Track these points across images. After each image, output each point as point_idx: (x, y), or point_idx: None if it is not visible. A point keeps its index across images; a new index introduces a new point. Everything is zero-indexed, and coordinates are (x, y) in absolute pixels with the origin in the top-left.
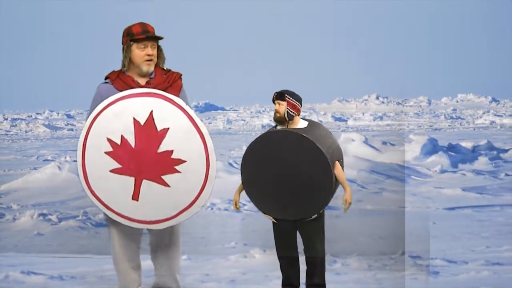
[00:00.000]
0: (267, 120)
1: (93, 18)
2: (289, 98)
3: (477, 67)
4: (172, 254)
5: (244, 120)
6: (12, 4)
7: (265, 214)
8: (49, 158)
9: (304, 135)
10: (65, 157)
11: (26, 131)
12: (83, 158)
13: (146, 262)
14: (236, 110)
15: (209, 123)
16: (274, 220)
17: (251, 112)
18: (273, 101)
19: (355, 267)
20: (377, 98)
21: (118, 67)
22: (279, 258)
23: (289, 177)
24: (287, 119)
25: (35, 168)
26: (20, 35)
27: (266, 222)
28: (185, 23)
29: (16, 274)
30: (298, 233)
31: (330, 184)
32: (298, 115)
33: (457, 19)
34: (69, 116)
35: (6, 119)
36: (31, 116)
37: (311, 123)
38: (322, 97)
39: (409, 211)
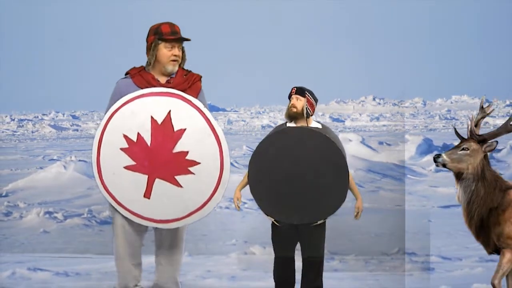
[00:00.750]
0: (266, 121)
1: (98, 21)
2: (309, 96)
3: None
4: (174, 256)
5: (245, 121)
6: (19, 7)
7: (267, 215)
8: (55, 157)
9: (328, 136)
10: (71, 157)
11: (32, 132)
12: (98, 154)
13: (147, 261)
14: (237, 111)
15: None
16: (276, 223)
17: (251, 113)
18: (289, 96)
19: (353, 264)
20: (374, 99)
21: (123, 70)
22: (277, 258)
23: (302, 178)
24: (305, 116)
25: (41, 168)
26: (26, 38)
27: (266, 220)
28: (187, 26)
29: (22, 271)
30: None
31: (344, 190)
32: (312, 115)
33: (452, 23)
34: (74, 117)
35: (13, 119)
36: (38, 116)
37: (323, 125)
38: (320, 98)
39: (405, 209)
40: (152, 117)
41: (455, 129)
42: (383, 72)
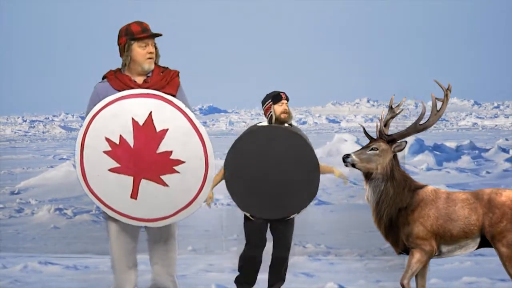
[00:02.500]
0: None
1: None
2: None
3: (461, 73)
4: (168, 254)
5: (245, 122)
6: (30, 12)
7: (242, 211)
8: (64, 157)
9: (301, 134)
10: None
11: (43, 132)
12: (81, 157)
13: (143, 261)
14: (238, 113)
15: (213, 125)
16: (251, 217)
17: (251, 114)
18: (275, 101)
19: (347, 257)
20: (368, 101)
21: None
22: (249, 256)
23: (275, 174)
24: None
25: (51, 166)
26: (37, 42)
27: None
28: (188, 29)
29: (34, 264)
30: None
31: (316, 183)
32: None
33: (443, 29)
34: (83, 118)
35: (25, 121)
36: (48, 118)
37: (293, 125)
38: (317, 100)
39: None
40: (133, 118)
41: (364, 128)
42: (377, 76)
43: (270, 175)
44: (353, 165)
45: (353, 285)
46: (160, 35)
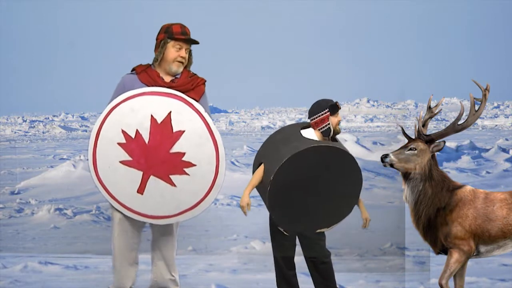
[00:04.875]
0: (266, 122)
1: (107, 25)
2: None
3: (461, 73)
4: (168, 253)
5: (245, 122)
6: (31, 12)
7: (279, 227)
8: (64, 157)
9: (350, 154)
10: (80, 156)
11: (43, 132)
12: (94, 147)
13: (143, 260)
14: (238, 113)
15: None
16: (285, 232)
17: (251, 114)
18: (336, 111)
19: (347, 257)
20: (368, 101)
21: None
22: (281, 258)
23: (318, 193)
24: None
25: (51, 166)
26: (37, 43)
27: (266, 216)
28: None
29: (34, 264)
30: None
31: (352, 207)
32: None
33: (443, 29)
34: (83, 118)
35: (25, 121)
36: (48, 118)
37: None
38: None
39: (397, 206)
40: (152, 115)
41: (402, 129)
42: (377, 76)
43: (313, 194)
44: (391, 165)
45: (353, 285)
46: (197, 42)
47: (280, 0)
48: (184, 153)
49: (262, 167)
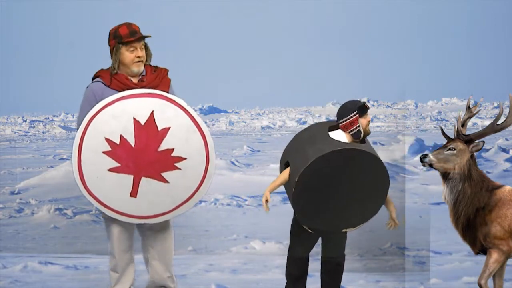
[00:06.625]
0: (266, 122)
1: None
2: None
3: (461, 73)
4: (166, 251)
5: (245, 122)
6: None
7: (303, 225)
8: (64, 157)
9: (379, 158)
10: None
11: (43, 132)
12: (79, 159)
13: (139, 260)
14: (238, 113)
15: (213, 125)
16: (309, 230)
17: (251, 114)
18: (365, 112)
19: (347, 257)
20: (368, 101)
21: None
22: (296, 258)
23: (345, 194)
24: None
25: (51, 166)
26: (37, 43)
27: (266, 216)
28: (189, 30)
29: (34, 264)
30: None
31: (380, 205)
32: None
33: (443, 29)
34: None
35: (25, 120)
36: (48, 118)
37: (367, 140)
38: (317, 100)
39: (399, 206)
40: (134, 118)
41: (441, 129)
42: (377, 76)
43: (339, 195)
44: (431, 165)
45: (353, 285)
46: (149, 36)
47: (280, 0)
48: (173, 149)
49: (287, 170)
